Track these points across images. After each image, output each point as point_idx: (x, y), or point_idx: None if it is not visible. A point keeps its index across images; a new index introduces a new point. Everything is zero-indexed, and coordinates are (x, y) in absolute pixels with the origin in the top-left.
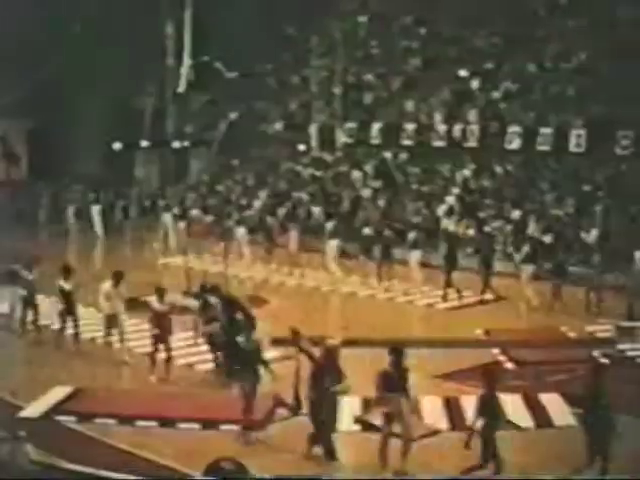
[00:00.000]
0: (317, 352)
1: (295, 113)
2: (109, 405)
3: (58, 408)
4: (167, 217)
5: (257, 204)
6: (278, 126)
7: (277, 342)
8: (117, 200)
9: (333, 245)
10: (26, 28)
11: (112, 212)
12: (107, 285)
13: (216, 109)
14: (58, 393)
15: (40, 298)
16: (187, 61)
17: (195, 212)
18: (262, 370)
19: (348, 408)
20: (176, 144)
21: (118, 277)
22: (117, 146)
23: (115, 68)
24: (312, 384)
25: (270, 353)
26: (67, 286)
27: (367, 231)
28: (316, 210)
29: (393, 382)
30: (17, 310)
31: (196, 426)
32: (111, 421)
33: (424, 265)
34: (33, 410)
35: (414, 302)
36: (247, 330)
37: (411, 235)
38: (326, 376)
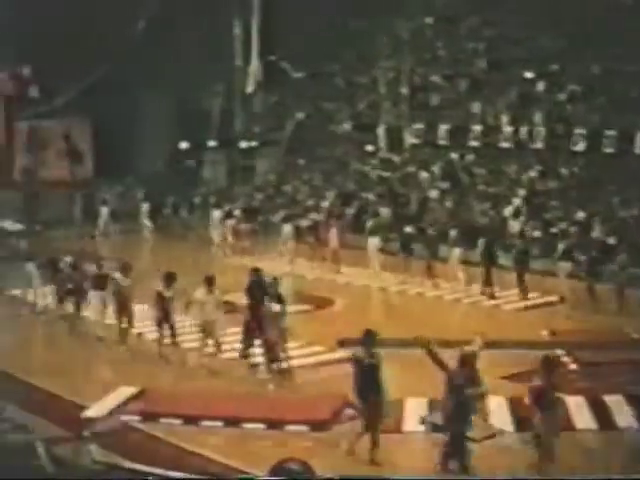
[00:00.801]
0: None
1: (363, 113)
2: (174, 405)
3: (123, 408)
4: (217, 214)
5: (325, 205)
6: (346, 126)
7: (343, 343)
8: (168, 199)
9: (374, 243)
10: (94, 26)
11: (161, 211)
12: (201, 291)
13: (284, 109)
14: (123, 393)
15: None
16: (255, 61)
17: (237, 212)
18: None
19: (414, 409)
20: (243, 144)
21: (211, 282)
22: (184, 145)
23: (183, 67)
24: (447, 394)
25: (338, 354)
26: (168, 293)
27: (409, 229)
28: (384, 211)
29: (547, 398)
30: (104, 314)
31: (261, 426)
32: (176, 421)
33: (465, 263)
34: (98, 410)
35: (479, 303)
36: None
37: (452, 233)
38: (462, 385)
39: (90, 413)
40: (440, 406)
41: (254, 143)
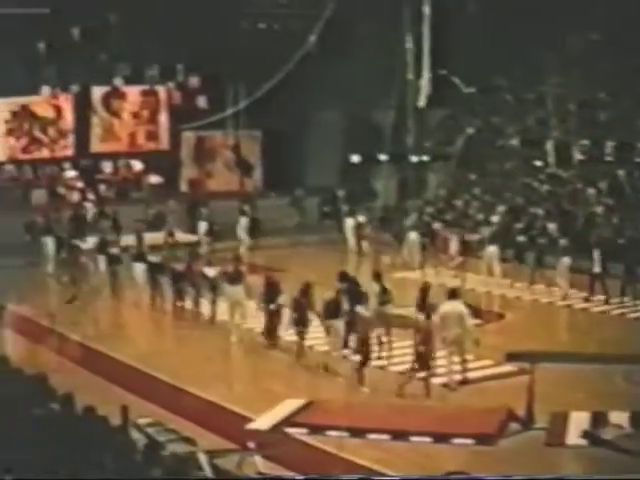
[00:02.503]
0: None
1: (531, 129)
2: (341, 418)
3: (289, 420)
4: (350, 222)
5: (495, 219)
6: (515, 142)
7: (512, 357)
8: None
9: (492, 250)
10: (264, 39)
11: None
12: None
13: (454, 124)
14: (289, 405)
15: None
16: (426, 75)
17: (362, 218)
18: None
19: (576, 422)
20: (414, 158)
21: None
22: (355, 159)
23: (354, 80)
24: None
25: (505, 367)
26: (367, 313)
27: (522, 238)
28: (551, 226)
29: None
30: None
31: (428, 439)
32: (343, 434)
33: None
34: (263, 422)
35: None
36: None
37: (562, 242)
38: None
39: (256, 425)
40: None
41: (425, 157)
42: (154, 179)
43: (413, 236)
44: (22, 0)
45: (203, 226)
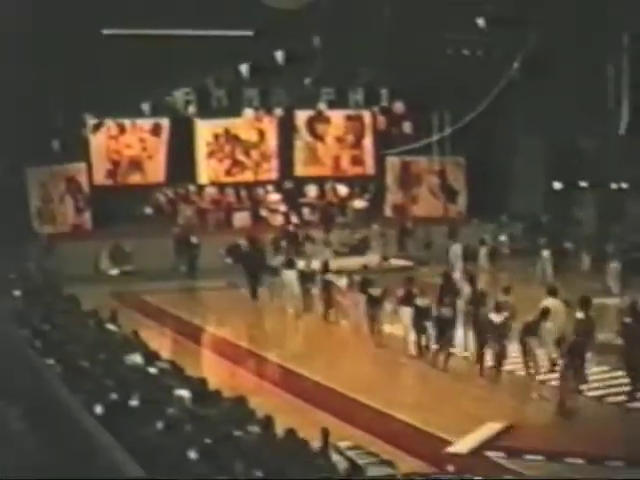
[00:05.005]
0: None
1: None
2: (539, 441)
3: (488, 444)
4: (483, 251)
5: None
6: None
7: None
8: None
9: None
10: (466, 66)
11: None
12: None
13: None
14: (489, 429)
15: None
16: (625, 103)
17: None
18: None
19: None
20: (614, 185)
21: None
22: (557, 185)
23: (557, 107)
24: None
25: None
26: (496, 318)
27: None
28: None
29: None
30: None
31: (622, 464)
32: (540, 457)
33: None
34: (462, 446)
35: None
36: None
37: None
38: None
39: (455, 449)
40: None
41: (624, 185)
42: (359, 204)
43: (545, 254)
44: (226, 23)
45: (457, 250)
